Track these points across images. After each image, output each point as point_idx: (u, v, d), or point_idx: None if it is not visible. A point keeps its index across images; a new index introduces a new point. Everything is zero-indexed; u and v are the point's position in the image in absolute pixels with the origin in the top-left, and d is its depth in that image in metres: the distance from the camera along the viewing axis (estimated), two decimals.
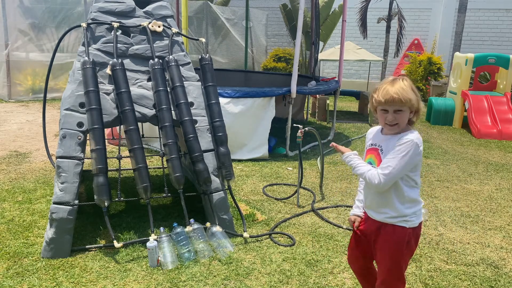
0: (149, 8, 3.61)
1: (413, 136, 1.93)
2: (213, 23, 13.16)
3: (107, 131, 5.34)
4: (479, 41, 12.44)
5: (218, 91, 3.89)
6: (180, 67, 3.52)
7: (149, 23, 3.52)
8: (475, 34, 12.44)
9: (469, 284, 2.84)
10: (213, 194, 3.36)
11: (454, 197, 4.49)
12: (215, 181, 3.37)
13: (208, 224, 3.26)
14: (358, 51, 10.52)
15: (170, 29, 3.60)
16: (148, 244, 2.91)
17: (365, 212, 2.20)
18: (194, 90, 3.52)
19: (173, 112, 3.36)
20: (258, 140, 5.57)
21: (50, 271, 2.82)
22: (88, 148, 3.30)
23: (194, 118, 3.40)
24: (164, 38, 3.58)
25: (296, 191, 4.21)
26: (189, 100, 3.44)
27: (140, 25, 3.51)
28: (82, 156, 3.12)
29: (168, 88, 3.40)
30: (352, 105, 10.84)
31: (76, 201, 3.03)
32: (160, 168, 4.88)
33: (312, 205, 4.10)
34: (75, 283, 2.70)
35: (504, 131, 7.40)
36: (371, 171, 1.98)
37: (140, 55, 3.50)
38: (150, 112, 3.39)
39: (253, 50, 13.32)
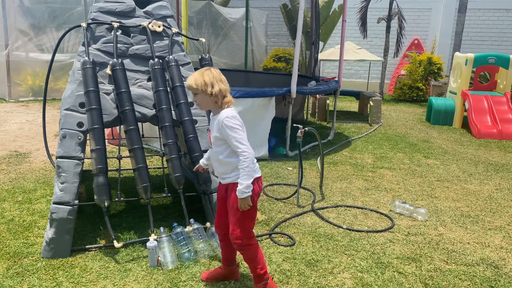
0: (149, 8, 3.61)
1: (224, 114, 2.35)
2: (213, 23, 13.15)
3: (107, 131, 5.34)
4: (479, 41, 12.45)
5: None
6: (180, 67, 3.52)
7: (149, 23, 3.52)
8: (475, 34, 12.44)
9: (469, 284, 2.84)
10: (213, 194, 3.36)
11: (454, 197, 4.49)
12: (215, 181, 3.37)
13: (208, 224, 3.26)
14: (358, 51, 10.52)
15: (170, 29, 3.60)
16: (148, 244, 2.91)
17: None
18: None
19: (173, 112, 3.36)
20: (258, 140, 5.56)
21: (50, 271, 2.82)
22: (88, 148, 3.30)
23: (194, 118, 3.40)
24: (164, 38, 3.58)
25: (296, 191, 4.21)
26: (189, 100, 3.44)
27: (140, 25, 3.51)
28: (82, 156, 3.12)
29: (168, 88, 3.40)
30: (352, 105, 10.84)
31: (76, 201, 3.03)
32: (160, 168, 4.88)
33: (312, 205, 4.10)
34: (75, 283, 2.70)
35: (504, 131, 7.40)
36: (242, 164, 2.34)
37: (140, 55, 3.50)
38: (150, 112, 3.39)
39: (253, 50, 13.31)
